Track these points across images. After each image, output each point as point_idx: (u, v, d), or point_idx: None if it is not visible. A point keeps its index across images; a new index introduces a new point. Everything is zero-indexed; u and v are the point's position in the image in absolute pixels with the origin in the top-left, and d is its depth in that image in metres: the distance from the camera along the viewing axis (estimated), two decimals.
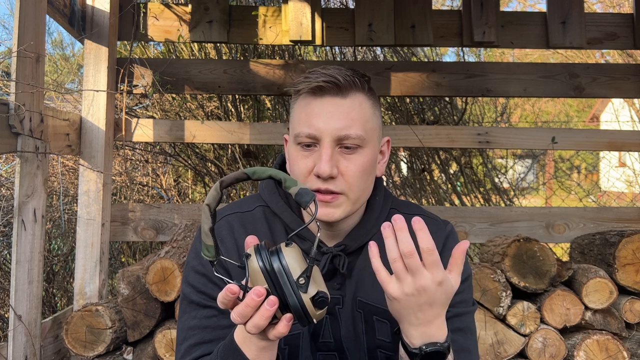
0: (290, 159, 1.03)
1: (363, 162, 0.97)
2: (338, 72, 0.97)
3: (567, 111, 11.55)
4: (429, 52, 4.38)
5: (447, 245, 1.06)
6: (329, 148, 0.95)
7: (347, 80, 0.97)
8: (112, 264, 3.52)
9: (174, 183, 4.02)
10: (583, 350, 2.02)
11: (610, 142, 2.81)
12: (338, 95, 0.97)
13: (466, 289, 1.06)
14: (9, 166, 3.12)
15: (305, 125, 0.97)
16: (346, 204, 0.97)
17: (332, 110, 0.96)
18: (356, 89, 0.98)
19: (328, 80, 0.96)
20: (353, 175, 0.96)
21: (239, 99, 3.74)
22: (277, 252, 0.78)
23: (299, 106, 1.01)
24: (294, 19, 2.63)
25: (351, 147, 0.97)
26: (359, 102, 0.99)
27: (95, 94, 2.43)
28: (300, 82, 1.00)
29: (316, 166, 0.95)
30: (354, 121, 0.96)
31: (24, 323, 1.86)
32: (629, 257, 2.15)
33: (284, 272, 0.77)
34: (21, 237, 1.85)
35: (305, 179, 0.97)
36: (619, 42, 2.85)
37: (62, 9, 2.28)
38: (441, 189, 4.19)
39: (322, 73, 0.97)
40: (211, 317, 1.00)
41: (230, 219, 1.06)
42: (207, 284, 1.01)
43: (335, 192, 0.96)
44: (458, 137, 2.76)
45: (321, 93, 0.97)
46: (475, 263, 2.20)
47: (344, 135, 0.95)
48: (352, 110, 0.97)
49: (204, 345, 0.98)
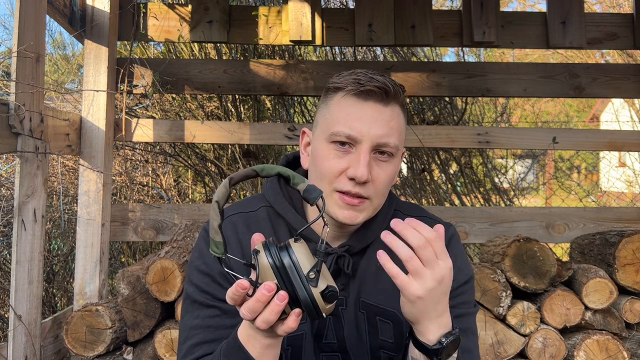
0: (319, 156, 1.00)
1: (392, 171, 1.00)
2: (387, 80, 0.98)
3: (567, 111, 11.55)
4: (429, 52, 4.38)
5: (449, 246, 1.06)
6: (368, 153, 0.96)
7: (394, 89, 0.97)
8: (112, 264, 3.51)
9: (174, 183, 4.02)
10: (583, 350, 2.02)
11: (610, 142, 2.81)
12: (382, 102, 0.97)
13: (468, 290, 1.06)
14: (9, 166, 3.12)
15: (346, 126, 0.96)
16: (369, 209, 0.99)
17: (375, 116, 0.96)
18: (397, 100, 1.00)
19: (380, 86, 0.96)
20: (382, 182, 0.98)
21: (239, 99, 3.74)
22: (286, 247, 0.79)
23: (338, 104, 0.99)
24: (294, 19, 2.63)
25: (385, 158, 0.98)
26: (397, 112, 1.00)
27: (95, 94, 2.43)
28: (347, 82, 0.98)
29: (352, 168, 0.95)
30: (393, 130, 0.97)
31: (24, 323, 1.86)
32: (629, 257, 2.15)
33: (294, 267, 0.78)
34: (21, 237, 1.85)
35: (335, 179, 0.97)
36: (619, 42, 2.85)
37: (62, 9, 2.28)
38: (441, 189, 4.19)
39: (372, 77, 0.97)
40: (214, 316, 1.00)
41: (234, 219, 1.07)
42: (211, 284, 1.02)
43: (364, 197, 0.97)
44: (458, 137, 2.76)
45: (367, 97, 0.97)
46: (475, 263, 2.20)
47: (383, 142, 0.96)
48: (392, 119, 0.98)
49: (207, 344, 0.98)
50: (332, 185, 0.97)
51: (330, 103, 1.01)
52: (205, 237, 1.05)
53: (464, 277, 1.06)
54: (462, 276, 1.05)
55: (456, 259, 1.04)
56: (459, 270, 1.05)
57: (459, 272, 1.05)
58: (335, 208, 0.97)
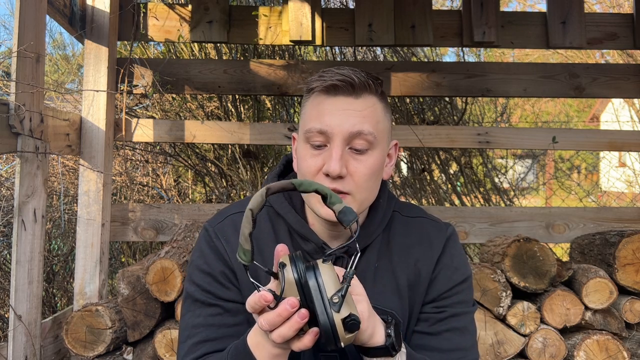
0: (298, 157, 1.02)
1: (372, 163, 0.97)
2: (353, 73, 0.97)
3: (567, 111, 11.54)
4: (429, 52, 4.38)
5: (447, 246, 1.07)
6: (340, 147, 0.95)
7: (361, 81, 0.97)
8: (112, 264, 3.51)
9: (174, 183, 4.02)
10: (583, 350, 2.02)
11: (610, 142, 2.80)
12: (352, 95, 0.97)
13: (465, 289, 1.06)
14: (9, 166, 3.12)
15: (317, 122, 0.96)
16: (352, 204, 0.96)
17: (345, 108, 0.96)
18: (369, 91, 0.99)
19: (343, 79, 0.96)
20: (361, 176, 0.96)
21: (239, 99, 3.74)
22: (313, 267, 0.78)
23: (311, 104, 1.00)
24: (294, 19, 2.63)
25: (361, 150, 0.96)
26: (372, 103, 0.99)
27: (95, 94, 2.43)
28: (315, 80, 1.00)
29: (326, 165, 0.95)
30: (366, 118, 0.96)
31: (24, 323, 1.86)
32: (629, 257, 2.15)
33: (319, 288, 0.76)
34: (21, 237, 1.85)
35: (314, 178, 0.97)
36: (619, 42, 2.85)
37: (62, 9, 2.28)
38: (441, 189, 4.19)
39: (337, 72, 0.97)
40: (216, 315, 1.01)
41: (235, 218, 1.06)
42: (213, 283, 1.02)
43: (343, 192, 0.96)
44: (458, 137, 2.76)
45: (335, 92, 0.97)
46: (475, 263, 2.20)
47: (356, 131, 0.95)
48: (364, 109, 0.97)
49: (209, 342, 0.99)
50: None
51: (305, 104, 1.02)
52: (206, 237, 1.06)
53: (460, 276, 1.06)
54: (458, 275, 1.05)
55: (453, 258, 1.05)
56: (456, 269, 1.05)
57: (456, 271, 1.05)
58: (317, 206, 0.96)
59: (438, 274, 1.04)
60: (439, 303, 1.03)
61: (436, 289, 1.04)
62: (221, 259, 1.03)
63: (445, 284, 1.04)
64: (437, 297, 1.04)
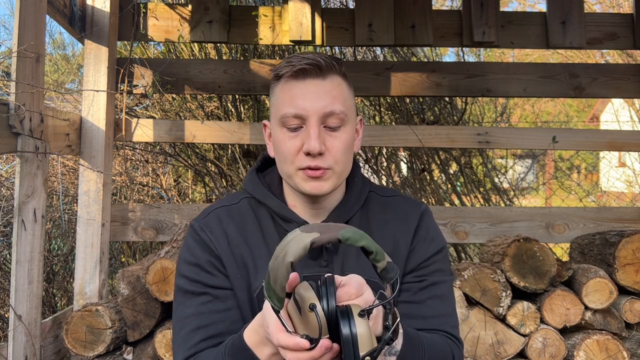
0: (276, 141, 1.07)
1: (346, 138, 1.04)
2: (318, 56, 1.04)
3: (567, 111, 11.54)
4: (429, 52, 4.38)
5: (422, 220, 1.13)
6: (317, 126, 1.01)
7: (327, 63, 1.03)
8: (112, 264, 3.52)
9: (174, 183, 4.02)
10: (583, 350, 2.02)
11: (610, 142, 2.80)
12: (319, 77, 1.03)
13: (442, 259, 1.13)
14: (9, 166, 3.12)
15: (291, 106, 1.02)
16: (333, 178, 1.04)
17: (315, 90, 1.02)
18: (334, 71, 1.05)
19: (310, 63, 1.02)
20: (338, 150, 1.03)
21: (239, 99, 3.74)
22: (348, 315, 0.74)
23: (281, 90, 1.05)
24: (294, 19, 2.63)
25: (334, 127, 1.03)
26: (338, 82, 1.05)
27: (95, 94, 2.43)
28: (283, 67, 1.05)
29: (305, 144, 1.01)
30: (335, 99, 1.03)
31: (24, 323, 1.86)
32: (629, 257, 2.15)
33: (352, 343, 0.72)
34: (21, 237, 1.85)
35: (294, 158, 1.03)
36: (618, 42, 2.84)
37: (62, 9, 2.27)
38: (441, 189, 4.19)
39: (303, 57, 1.03)
40: (206, 303, 1.04)
41: (218, 212, 1.13)
42: (200, 273, 1.06)
43: (324, 168, 1.02)
44: (458, 137, 2.76)
45: (303, 76, 1.03)
46: (475, 263, 2.20)
47: (329, 111, 1.02)
48: (332, 89, 1.03)
49: (201, 329, 1.02)
50: (294, 164, 1.03)
51: (275, 91, 1.08)
52: (191, 233, 1.11)
53: (436, 246, 1.12)
54: (434, 246, 1.12)
55: (428, 230, 1.13)
56: (432, 240, 1.12)
57: (432, 242, 1.12)
58: (302, 184, 1.03)
59: (415, 246, 1.11)
60: (418, 272, 1.09)
61: (415, 259, 1.10)
62: (207, 249, 1.07)
63: (423, 254, 1.10)
64: (416, 267, 1.10)
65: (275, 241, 1.07)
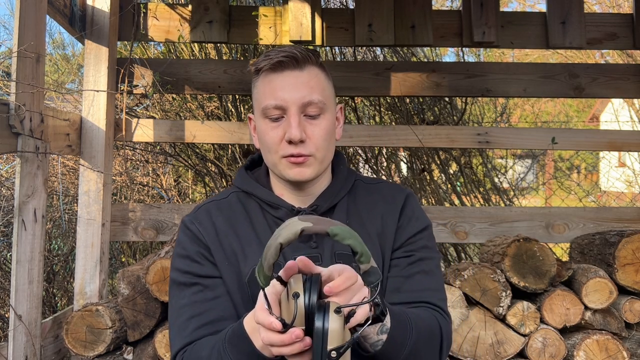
0: (260, 132, 1.12)
1: (326, 125, 1.09)
2: (294, 48, 1.08)
3: (567, 111, 11.55)
4: (429, 52, 4.38)
5: (407, 201, 1.18)
6: (297, 115, 1.06)
7: (303, 54, 1.08)
8: (112, 264, 3.52)
9: (174, 183, 4.02)
10: (583, 350, 2.02)
11: (610, 142, 2.80)
12: (296, 69, 1.08)
13: (428, 236, 1.17)
14: (9, 166, 3.12)
15: (272, 98, 1.07)
16: (315, 164, 1.09)
17: (293, 82, 1.07)
18: (311, 62, 1.09)
19: (287, 55, 1.06)
20: (319, 137, 1.08)
21: (239, 99, 3.74)
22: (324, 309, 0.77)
23: (261, 83, 1.10)
24: (294, 19, 2.63)
25: (314, 115, 1.08)
26: (315, 73, 1.10)
27: (96, 94, 2.43)
28: (262, 61, 1.09)
29: (287, 133, 1.05)
30: (313, 89, 1.07)
31: (24, 323, 1.86)
32: (628, 257, 2.15)
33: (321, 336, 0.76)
34: (21, 237, 1.85)
35: (278, 147, 1.07)
36: (618, 42, 2.84)
37: (62, 9, 2.28)
38: (441, 189, 4.19)
39: (280, 50, 1.08)
40: (198, 292, 1.08)
41: (208, 206, 1.17)
42: (191, 264, 1.10)
43: (305, 155, 1.07)
44: (458, 137, 2.76)
45: (281, 68, 1.07)
46: (475, 263, 2.21)
47: (307, 101, 1.06)
48: (310, 80, 1.08)
49: (195, 318, 1.06)
50: (278, 153, 1.08)
51: (256, 84, 1.12)
52: (183, 228, 1.15)
53: (422, 224, 1.16)
54: (420, 223, 1.16)
55: (414, 210, 1.18)
56: (417, 218, 1.17)
57: (417, 220, 1.17)
58: (286, 170, 1.08)
59: (402, 223, 1.15)
60: (406, 248, 1.13)
61: (402, 236, 1.14)
62: (196, 241, 1.12)
63: (410, 231, 1.15)
64: (404, 243, 1.14)
65: (264, 229, 1.11)
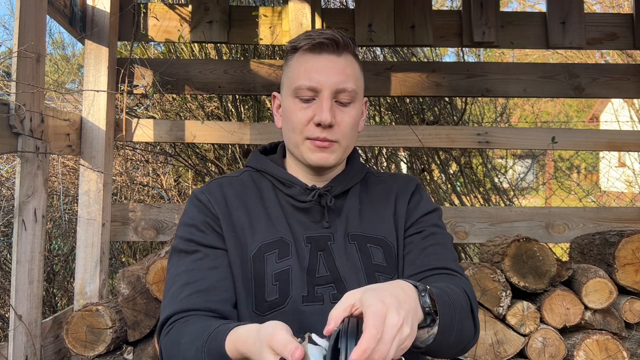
0: (287, 111, 1.11)
1: (354, 115, 1.10)
2: (337, 33, 1.09)
3: (566, 111, 11.55)
4: (429, 53, 4.38)
5: (417, 189, 1.21)
6: (329, 100, 1.06)
7: (344, 40, 1.08)
8: (112, 264, 3.52)
9: (174, 183, 4.02)
10: (583, 350, 2.02)
11: (610, 142, 2.81)
12: (334, 53, 1.08)
13: (437, 217, 1.20)
14: (10, 166, 3.12)
15: (307, 79, 1.06)
16: (339, 151, 1.10)
17: (331, 66, 1.07)
18: (348, 50, 1.10)
19: (329, 37, 1.07)
20: (347, 125, 1.09)
21: (239, 99, 3.74)
22: None
23: (297, 62, 1.10)
24: (294, 19, 2.63)
25: (345, 103, 1.08)
26: (351, 61, 1.11)
27: (96, 94, 2.43)
28: (302, 40, 1.09)
29: (317, 115, 1.06)
30: (348, 77, 1.08)
31: (24, 323, 1.86)
32: (628, 257, 2.15)
33: None
34: (22, 237, 1.85)
35: (304, 128, 1.07)
36: (618, 42, 2.85)
37: (63, 9, 2.28)
38: (441, 189, 4.19)
39: (322, 32, 1.08)
40: (197, 260, 1.08)
41: (221, 181, 1.18)
42: (195, 232, 1.10)
43: (331, 140, 1.07)
44: (458, 137, 2.76)
45: (320, 50, 1.08)
46: (475, 263, 2.21)
47: (341, 88, 1.07)
48: (346, 67, 1.09)
49: (190, 285, 1.04)
50: (303, 134, 1.08)
51: (290, 63, 1.12)
52: (192, 201, 1.15)
53: (431, 206, 1.19)
54: (429, 205, 1.19)
55: (422, 195, 1.21)
56: (426, 201, 1.20)
57: (426, 202, 1.20)
58: (308, 153, 1.09)
59: (412, 205, 1.18)
60: (418, 225, 1.16)
61: (413, 215, 1.17)
62: (204, 210, 1.12)
63: (420, 211, 1.17)
64: (415, 221, 1.16)
65: (275, 206, 1.12)
